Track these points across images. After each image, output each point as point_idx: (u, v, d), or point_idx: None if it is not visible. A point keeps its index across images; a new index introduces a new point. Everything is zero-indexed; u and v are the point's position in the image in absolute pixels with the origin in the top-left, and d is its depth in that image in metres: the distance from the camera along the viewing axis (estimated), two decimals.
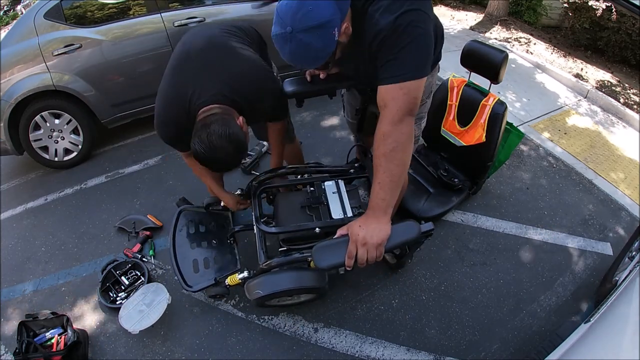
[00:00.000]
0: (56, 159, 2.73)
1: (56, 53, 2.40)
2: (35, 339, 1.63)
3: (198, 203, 1.97)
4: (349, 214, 1.46)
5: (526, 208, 2.35)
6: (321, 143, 2.83)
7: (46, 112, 2.53)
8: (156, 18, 2.56)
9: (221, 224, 1.91)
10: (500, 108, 1.93)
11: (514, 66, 4.04)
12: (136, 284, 1.89)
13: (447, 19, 5.42)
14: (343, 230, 1.13)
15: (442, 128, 2.16)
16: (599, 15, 4.53)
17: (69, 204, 2.48)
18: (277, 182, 1.71)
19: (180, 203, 2.17)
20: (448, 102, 2.10)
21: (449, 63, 1.43)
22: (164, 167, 2.69)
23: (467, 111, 2.03)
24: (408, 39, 1.00)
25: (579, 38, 4.76)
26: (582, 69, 4.09)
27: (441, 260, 2.03)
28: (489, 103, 1.95)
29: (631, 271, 1.48)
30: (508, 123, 2.09)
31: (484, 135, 1.96)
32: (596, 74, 4.05)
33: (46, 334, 1.67)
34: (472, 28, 4.99)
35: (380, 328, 1.75)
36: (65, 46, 2.41)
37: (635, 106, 3.48)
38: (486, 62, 1.86)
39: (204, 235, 1.83)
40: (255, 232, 1.61)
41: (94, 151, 2.90)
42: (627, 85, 3.92)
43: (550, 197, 2.45)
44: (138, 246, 2.08)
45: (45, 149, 2.67)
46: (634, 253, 1.79)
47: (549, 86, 3.75)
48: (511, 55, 4.20)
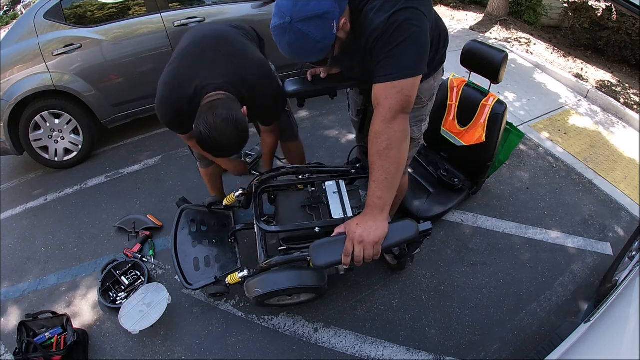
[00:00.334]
0: (56, 159, 2.74)
1: (56, 53, 2.40)
2: (35, 339, 1.63)
3: (198, 203, 1.97)
4: (349, 214, 1.46)
5: (526, 208, 2.35)
6: (321, 143, 2.83)
7: (46, 112, 2.53)
8: (156, 18, 2.56)
9: (222, 223, 1.91)
10: (500, 108, 1.93)
11: (514, 66, 4.04)
12: (136, 284, 1.89)
13: (447, 19, 5.42)
14: (340, 228, 1.12)
15: (442, 128, 2.16)
16: (599, 15, 4.53)
17: (69, 204, 2.48)
18: (278, 182, 1.71)
19: (180, 203, 2.18)
20: (448, 102, 2.10)
21: (449, 63, 1.43)
22: (164, 167, 2.69)
23: (467, 111, 2.03)
24: (402, 37, 1.00)
25: (579, 38, 4.76)
26: (582, 69, 4.10)
27: (441, 260, 2.03)
28: (489, 103, 1.95)
29: (631, 271, 1.48)
30: (508, 123, 2.09)
31: (484, 135, 1.96)
32: (596, 74, 4.05)
33: (46, 334, 1.67)
34: (472, 28, 4.99)
35: (380, 328, 1.75)
36: (65, 46, 2.41)
37: (635, 106, 3.49)
38: (486, 62, 1.86)
39: (205, 233, 1.83)
40: (255, 231, 1.61)
41: (94, 151, 2.90)
42: (627, 85, 3.92)
43: (550, 197, 2.45)
44: (138, 246, 2.08)
45: (45, 149, 2.67)
46: (634, 253, 1.79)
47: (549, 86, 3.75)
48: (511, 55, 4.21)
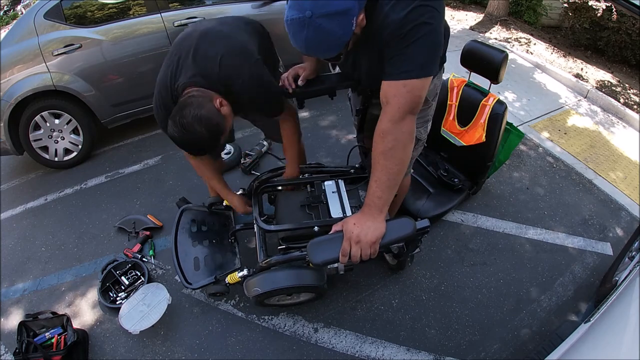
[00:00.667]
0: (56, 159, 2.74)
1: (56, 53, 2.40)
2: (35, 339, 1.63)
3: (198, 203, 1.97)
4: (348, 214, 1.46)
5: (526, 208, 2.35)
6: (321, 143, 2.83)
7: (46, 112, 2.53)
8: (156, 18, 2.56)
9: (223, 223, 1.91)
10: (500, 108, 1.93)
11: (514, 66, 4.04)
12: (136, 284, 1.89)
13: (447, 19, 5.35)
14: (338, 226, 1.12)
15: (442, 128, 2.16)
16: (599, 15, 4.54)
17: (69, 204, 2.48)
18: (278, 182, 1.71)
19: (180, 203, 2.18)
20: (448, 102, 2.10)
21: (449, 63, 1.43)
22: (164, 167, 2.69)
23: (467, 111, 2.03)
24: (417, 35, 0.96)
25: (579, 38, 4.76)
26: (582, 69, 4.09)
27: (441, 260, 2.03)
28: (489, 103, 1.95)
29: (631, 271, 1.48)
30: (508, 123, 2.09)
31: (484, 135, 1.96)
32: (596, 74, 4.05)
33: (46, 334, 1.67)
34: (472, 28, 4.99)
35: (380, 328, 1.75)
36: (65, 46, 2.41)
37: (635, 106, 3.48)
38: (486, 62, 1.86)
39: (206, 233, 1.83)
40: (255, 230, 1.61)
41: (94, 151, 2.90)
42: (627, 85, 3.92)
43: (550, 197, 2.44)
44: (138, 246, 2.08)
45: (45, 149, 2.68)
46: (634, 253, 1.79)
47: (549, 86, 3.75)
48: (511, 55, 4.21)
